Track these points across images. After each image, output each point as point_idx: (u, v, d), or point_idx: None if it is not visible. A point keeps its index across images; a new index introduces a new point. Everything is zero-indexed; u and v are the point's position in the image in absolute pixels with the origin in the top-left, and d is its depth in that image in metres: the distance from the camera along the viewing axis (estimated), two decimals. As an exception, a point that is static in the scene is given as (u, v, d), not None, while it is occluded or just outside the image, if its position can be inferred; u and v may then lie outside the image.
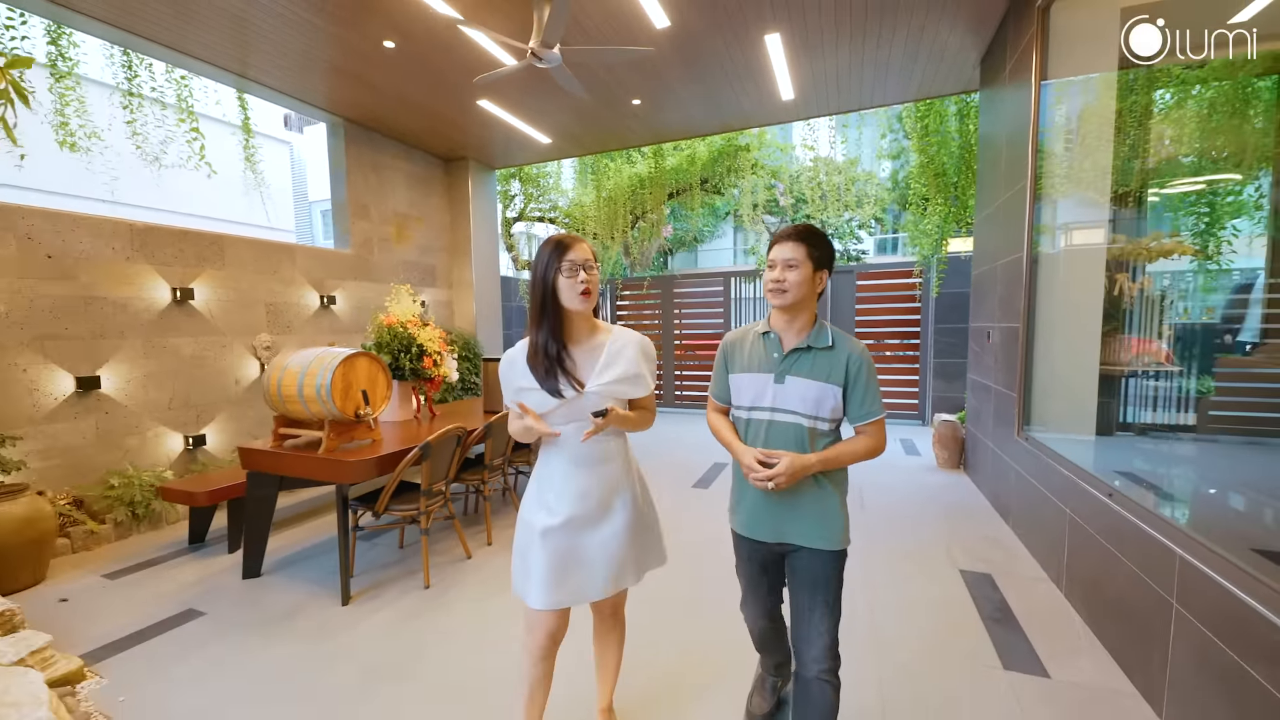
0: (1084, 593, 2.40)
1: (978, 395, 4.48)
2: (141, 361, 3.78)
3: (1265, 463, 2.09)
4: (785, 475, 1.34)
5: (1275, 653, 1.31)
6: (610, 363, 1.43)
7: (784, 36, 3.97)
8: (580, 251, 1.38)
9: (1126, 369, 2.69)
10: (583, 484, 1.44)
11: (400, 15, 3.58)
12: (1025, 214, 3.27)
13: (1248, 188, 2.20)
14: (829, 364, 1.41)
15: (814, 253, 1.41)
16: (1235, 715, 1.45)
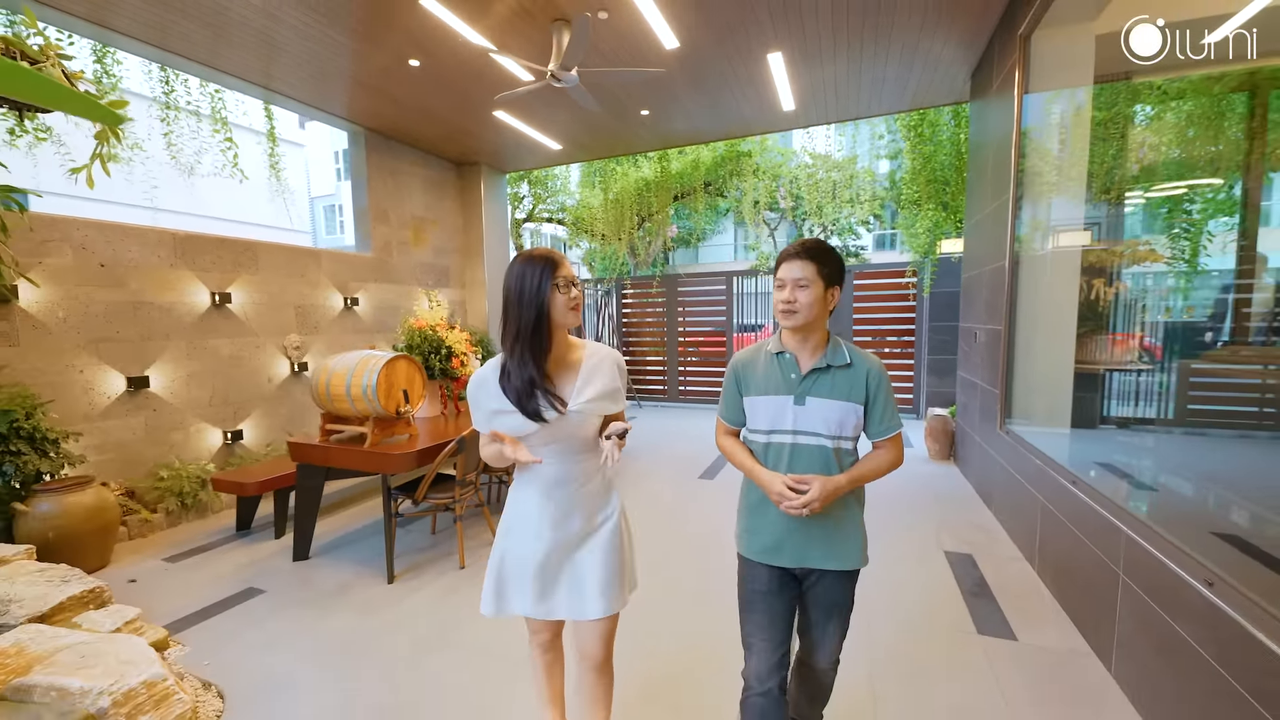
0: (1052, 569, 2.69)
1: (966, 391, 4.76)
2: (185, 362, 4.04)
3: (1227, 453, 2.29)
4: (819, 500, 1.30)
5: (1198, 613, 1.59)
6: (589, 379, 1.38)
7: (785, 54, 4.21)
8: (568, 267, 1.36)
9: (1100, 367, 2.96)
10: (563, 507, 1.40)
11: (428, 38, 3.82)
12: (1008, 225, 3.53)
13: (1218, 194, 2.36)
14: (849, 382, 1.37)
15: (824, 270, 1.35)
16: (1167, 666, 1.73)
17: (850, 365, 1.39)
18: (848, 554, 1.42)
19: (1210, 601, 1.52)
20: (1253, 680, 1.36)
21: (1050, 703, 1.92)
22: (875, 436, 1.41)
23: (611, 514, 1.46)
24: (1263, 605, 1.36)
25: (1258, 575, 1.52)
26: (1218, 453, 2.21)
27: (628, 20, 3.65)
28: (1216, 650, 1.50)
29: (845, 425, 1.38)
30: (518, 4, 3.48)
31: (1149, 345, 2.67)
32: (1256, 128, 2.13)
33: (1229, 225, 2.19)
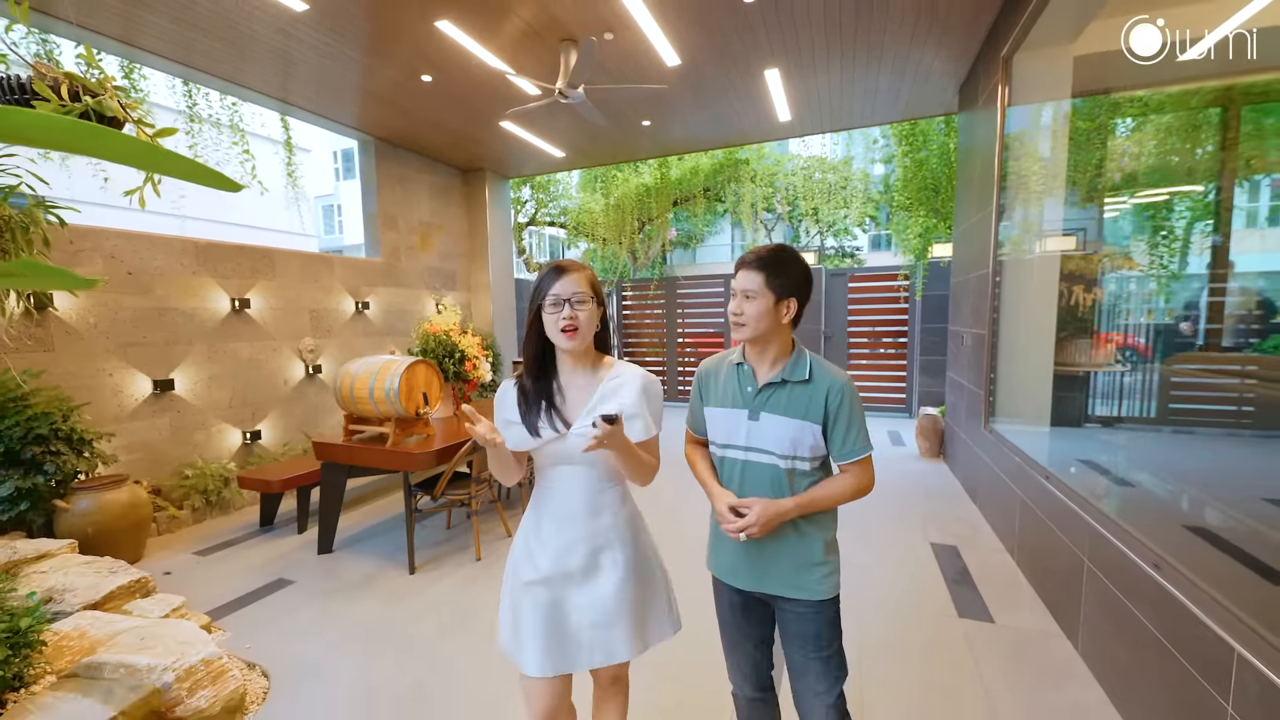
0: (1029, 558, 2.90)
1: (954, 392, 4.97)
2: (206, 365, 4.21)
3: (1195, 449, 2.37)
4: (757, 525, 1.23)
5: (1147, 593, 1.79)
6: (603, 401, 1.28)
7: (781, 69, 4.40)
8: (569, 284, 1.23)
9: (1079, 369, 3.16)
10: (566, 538, 1.29)
11: (441, 56, 3.99)
12: (991, 235, 3.73)
13: (1190, 202, 2.50)
14: (806, 399, 1.28)
15: (775, 281, 1.26)
16: (1123, 641, 1.93)
17: (809, 381, 1.29)
18: (808, 582, 1.31)
19: (1157, 582, 1.72)
20: (1190, 649, 1.56)
21: (1021, 677, 2.13)
22: (838, 459, 1.31)
23: (621, 556, 1.31)
24: (1199, 584, 1.56)
25: (1202, 556, 1.72)
26: (1185, 449, 2.38)
27: (632, 40, 3.84)
28: (1161, 624, 1.70)
29: (800, 445, 1.28)
30: (527, 26, 3.66)
31: (1125, 346, 2.86)
32: (1230, 139, 2.29)
33: (1203, 231, 2.31)
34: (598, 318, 1.29)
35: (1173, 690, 1.63)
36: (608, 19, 3.60)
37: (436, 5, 3.41)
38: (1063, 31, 3.10)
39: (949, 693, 2.05)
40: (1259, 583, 1.52)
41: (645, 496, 4.45)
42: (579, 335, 1.24)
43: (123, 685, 1.81)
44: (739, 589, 1.39)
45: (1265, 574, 1.52)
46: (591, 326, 1.27)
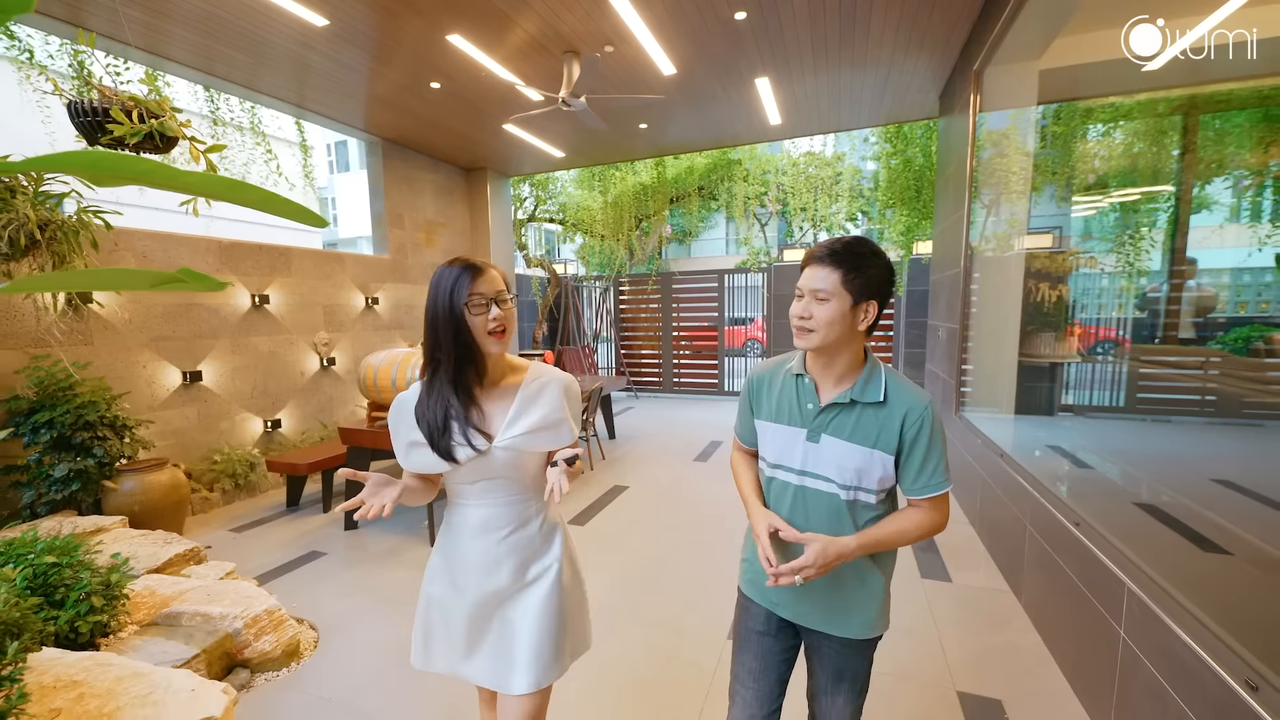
0: (987, 528, 3.24)
1: (932, 382, 5.31)
2: (230, 357, 4.47)
3: (1143, 433, 2.54)
4: (816, 567, 1.04)
5: (1070, 547, 2.12)
6: (524, 409, 1.19)
7: (771, 78, 4.67)
8: (491, 282, 1.14)
9: (1043, 360, 3.46)
10: (493, 554, 1.21)
11: (451, 66, 4.24)
12: (963, 237, 4.05)
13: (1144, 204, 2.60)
14: (879, 424, 1.09)
15: (852, 280, 1.05)
16: (1052, 588, 2.27)
17: (884, 403, 1.10)
18: (863, 622, 1.17)
19: (1076, 537, 2.05)
20: (1095, 587, 1.89)
21: (970, 624, 2.46)
22: (910, 493, 1.12)
23: (550, 566, 1.25)
24: (1105, 535, 1.88)
25: (1114, 515, 2.05)
26: (1135, 434, 2.57)
27: (631, 52, 4.10)
28: (1077, 570, 2.03)
29: (867, 475, 1.10)
30: (532, 39, 3.92)
31: (1087, 339, 3.15)
32: (1189, 143, 2.47)
33: (1161, 229, 2.39)
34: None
35: (1083, 622, 1.96)
36: (608, 33, 3.86)
37: (448, 20, 3.66)
38: (1029, 48, 3.40)
39: (908, 634, 2.38)
40: (1151, 532, 1.86)
41: (647, 481, 4.73)
42: (507, 337, 1.16)
43: (200, 631, 2.11)
44: (775, 615, 1.24)
45: (1162, 521, 1.85)
46: (515, 326, 1.19)
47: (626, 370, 9.13)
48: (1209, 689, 1.31)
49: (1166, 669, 1.48)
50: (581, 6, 3.54)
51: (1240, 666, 1.24)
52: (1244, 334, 1.88)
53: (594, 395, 5.02)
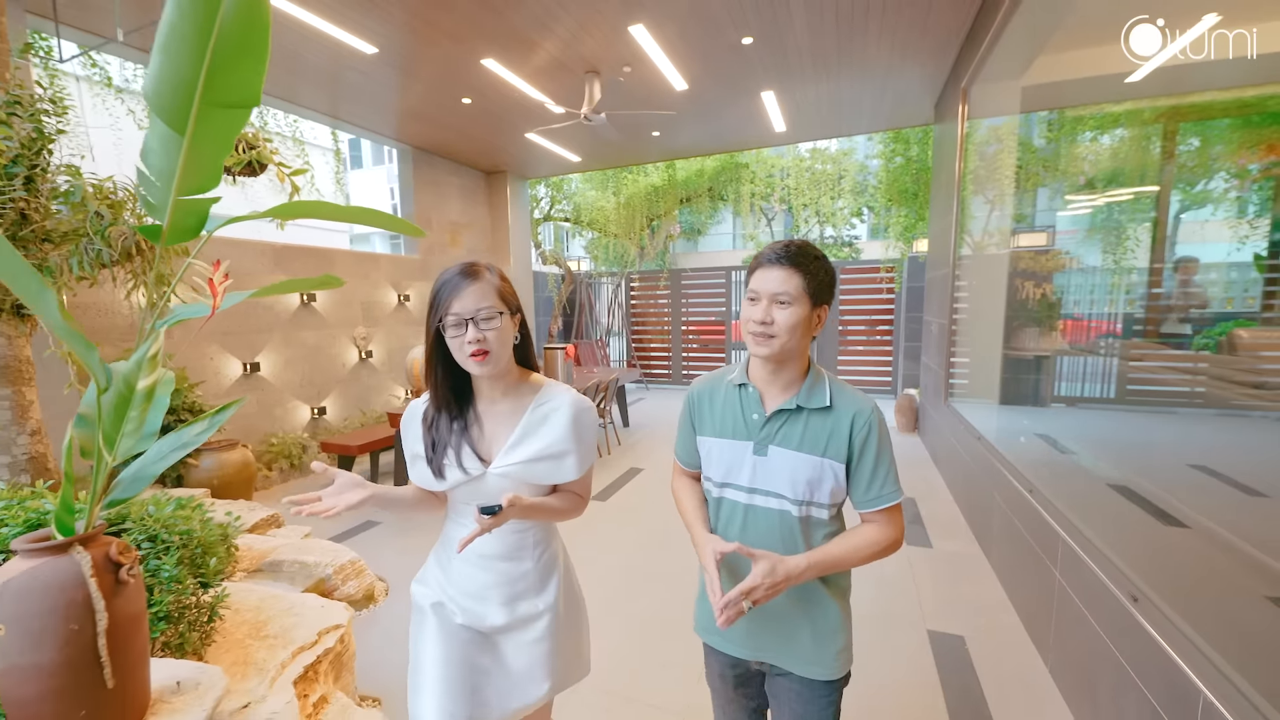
0: (967, 502, 3.63)
1: (925, 373, 5.68)
2: (283, 350, 4.92)
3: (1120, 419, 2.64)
4: (764, 589, 0.96)
5: (1025, 509, 2.51)
6: (528, 434, 1.10)
7: (776, 91, 5.03)
8: (472, 298, 1.02)
9: (1028, 353, 3.78)
10: (480, 582, 1.13)
11: (483, 84, 4.64)
12: (951, 240, 4.41)
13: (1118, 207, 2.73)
14: (827, 431, 1.05)
15: (813, 283, 1.02)
16: (1011, 547, 2.66)
17: (830, 408, 1.05)
18: (820, 658, 1.08)
19: (1028, 501, 2.44)
20: (1039, 540, 2.29)
21: (944, 580, 2.86)
22: (862, 506, 1.07)
23: (543, 612, 1.16)
24: (1049, 498, 2.27)
25: (1059, 482, 2.43)
26: (1111, 421, 2.65)
27: (647, 71, 4.47)
28: (1030, 529, 2.43)
29: (818, 488, 1.05)
30: (556, 61, 4.31)
31: (1065, 334, 3.42)
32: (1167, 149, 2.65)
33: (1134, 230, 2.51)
34: (514, 329, 1.09)
35: (1031, 571, 2.36)
36: (625, 55, 4.24)
37: (483, 45, 4.06)
38: (1012, 67, 3.74)
39: (889, 585, 2.79)
40: (1088, 495, 2.25)
41: (659, 468, 5.13)
42: (491, 359, 1.03)
43: (299, 575, 2.55)
44: (734, 656, 1.16)
45: (1102, 488, 2.24)
46: (507, 344, 1.06)
47: (638, 363, 9.54)
48: (1105, 602, 1.71)
49: (1082, 595, 1.88)
50: (602, 32, 3.92)
51: (1126, 584, 1.63)
52: (1225, 329, 1.87)
53: (610, 386, 5.44)
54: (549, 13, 3.63)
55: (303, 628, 1.76)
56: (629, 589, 2.83)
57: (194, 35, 0.81)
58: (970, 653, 2.27)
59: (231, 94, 0.89)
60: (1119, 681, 1.59)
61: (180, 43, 0.82)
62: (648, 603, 2.69)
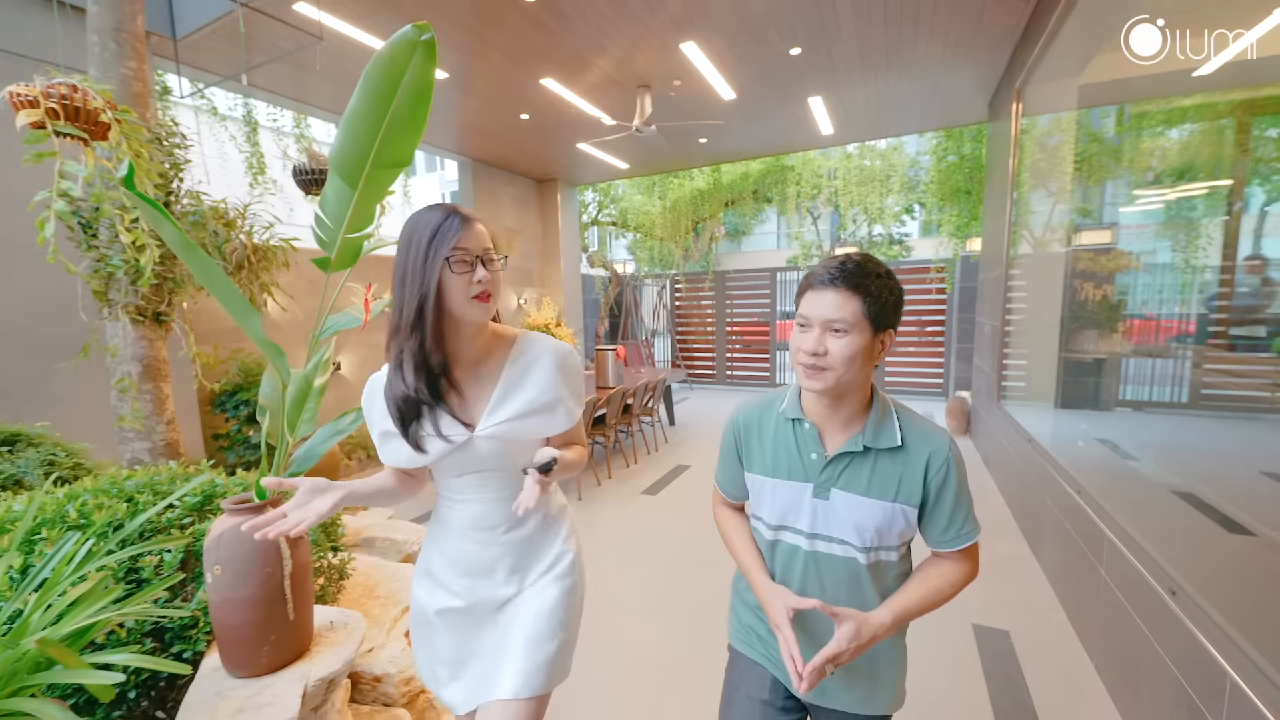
0: (1018, 504, 3.63)
1: (978, 376, 5.60)
2: (359, 351, 5.38)
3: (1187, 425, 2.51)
4: (850, 655, 0.89)
5: (1074, 510, 2.55)
6: (511, 389, 1.03)
7: (824, 97, 5.10)
8: (478, 236, 0.97)
9: (1089, 355, 3.69)
10: (485, 556, 1.06)
11: (541, 102, 4.93)
12: (1004, 241, 4.37)
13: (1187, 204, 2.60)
14: (899, 473, 0.95)
15: (873, 307, 0.89)
16: (1060, 545, 2.70)
17: (902, 448, 0.95)
18: (877, 697, 1.03)
19: (1077, 503, 2.48)
20: (1089, 543, 2.34)
21: (992, 578, 2.92)
22: (939, 546, 0.98)
23: (559, 564, 1.10)
24: (1098, 500, 2.32)
25: (1104, 483, 2.46)
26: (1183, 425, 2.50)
27: (696, 83, 4.65)
28: (1078, 529, 2.47)
29: (887, 532, 0.96)
30: (609, 77, 4.54)
31: (1132, 336, 3.30)
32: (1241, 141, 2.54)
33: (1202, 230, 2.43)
34: None
35: (1079, 570, 2.41)
36: (676, 69, 4.43)
37: (542, 67, 4.34)
38: (1069, 66, 3.71)
39: (935, 586, 2.86)
40: (1151, 502, 2.28)
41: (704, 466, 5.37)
42: (493, 303, 0.99)
43: (390, 550, 2.87)
44: (784, 685, 1.07)
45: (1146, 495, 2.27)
46: (500, 289, 1.01)
47: (682, 363, 9.71)
48: (1145, 596, 1.78)
49: (1124, 590, 1.94)
50: (653, 49, 4.13)
51: (1165, 578, 1.70)
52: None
53: (659, 386, 5.64)
54: (602, 33, 3.87)
55: (405, 591, 2.05)
56: (680, 576, 3.03)
57: (373, 118, 1.06)
58: (1015, 647, 2.35)
59: (393, 157, 1.14)
60: (1158, 673, 1.67)
61: (361, 124, 1.07)
62: (697, 590, 2.88)
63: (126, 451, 2.99)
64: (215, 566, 1.24)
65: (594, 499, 4.28)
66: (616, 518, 3.92)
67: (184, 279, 3.09)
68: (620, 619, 2.67)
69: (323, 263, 1.29)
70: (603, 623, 2.60)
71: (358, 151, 1.11)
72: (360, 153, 1.11)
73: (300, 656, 1.33)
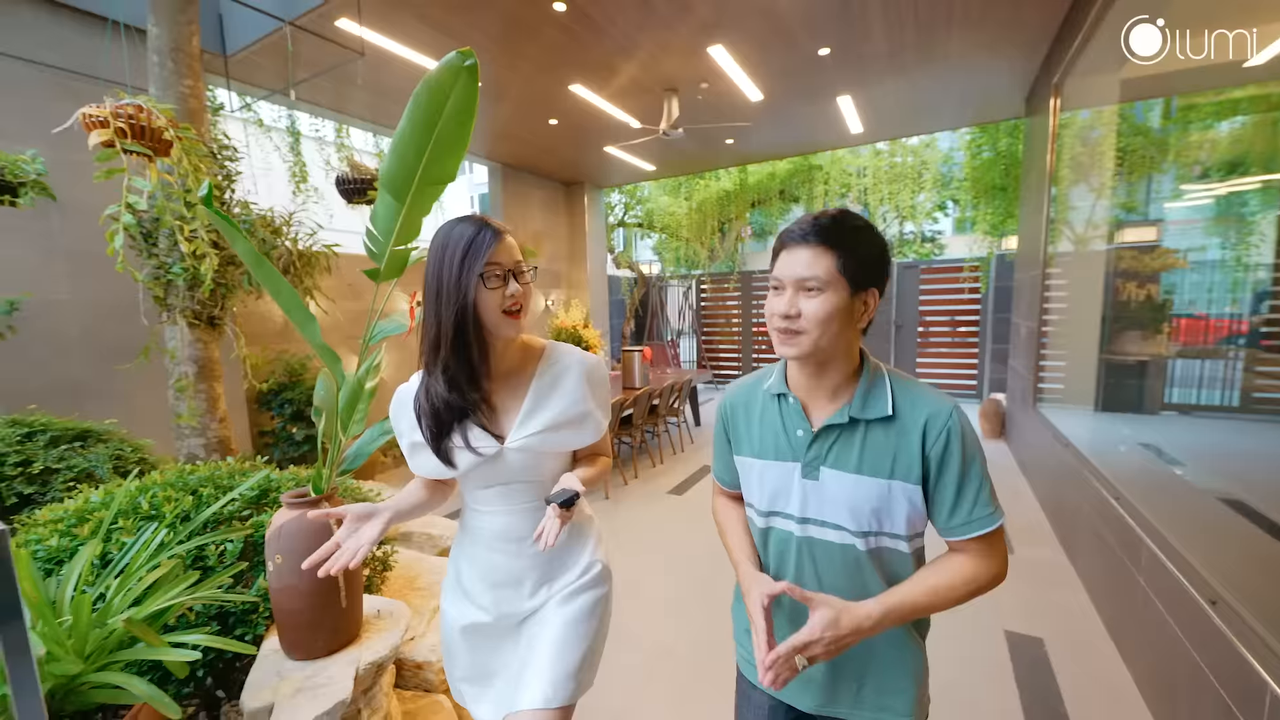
0: (1054, 509, 3.54)
1: (1013, 377, 5.47)
2: (396, 352, 5.56)
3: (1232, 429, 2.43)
4: (824, 645, 0.78)
5: (1111, 516, 2.49)
6: (540, 401, 1.03)
7: (853, 96, 5.06)
8: (509, 249, 0.97)
9: (1131, 357, 3.56)
10: (513, 569, 1.06)
11: (570, 107, 5.02)
12: (1041, 240, 4.27)
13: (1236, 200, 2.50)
14: (892, 446, 0.85)
15: (849, 263, 0.82)
16: (1100, 555, 2.64)
17: (893, 418, 0.86)
18: (900, 703, 0.92)
19: (1115, 509, 2.43)
20: (1125, 549, 2.29)
21: (1025, 583, 2.86)
22: (949, 534, 0.87)
23: (588, 574, 1.09)
24: (1135, 506, 2.27)
25: (1145, 489, 2.40)
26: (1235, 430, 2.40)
27: (724, 85, 4.66)
28: (1115, 534, 2.42)
29: (887, 514, 0.86)
30: (636, 81, 4.59)
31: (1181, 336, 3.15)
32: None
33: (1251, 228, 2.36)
34: None
35: (1116, 577, 2.35)
36: (703, 72, 4.45)
37: (572, 74, 4.42)
38: (1109, 61, 3.60)
39: (966, 591, 2.83)
40: (1174, 503, 2.22)
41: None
42: (524, 318, 0.99)
43: (428, 544, 2.99)
44: (788, 705, 0.98)
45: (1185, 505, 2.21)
46: (530, 301, 1.01)
47: (708, 363, 9.71)
48: (1184, 605, 1.74)
49: (1163, 599, 1.90)
50: (681, 54, 4.16)
51: (1205, 587, 1.67)
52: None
53: (685, 387, 5.67)
54: (631, 40, 3.92)
55: (443, 584, 2.14)
56: (705, 574, 3.06)
57: (420, 140, 1.14)
58: (1049, 654, 2.31)
59: (439, 175, 1.21)
60: (1197, 683, 1.63)
61: (409, 145, 1.15)
62: (723, 588, 2.89)
63: (183, 447, 3.17)
64: (276, 556, 1.34)
65: (621, 498, 4.35)
66: (643, 517, 3.98)
67: (235, 284, 3.26)
68: (646, 616, 2.72)
69: (373, 273, 1.37)
70: (628, 619, 2.66)
71: (406, 170, 1.18)
72: (408, 171, 1.19)
73: (351, 642, 1.42)
